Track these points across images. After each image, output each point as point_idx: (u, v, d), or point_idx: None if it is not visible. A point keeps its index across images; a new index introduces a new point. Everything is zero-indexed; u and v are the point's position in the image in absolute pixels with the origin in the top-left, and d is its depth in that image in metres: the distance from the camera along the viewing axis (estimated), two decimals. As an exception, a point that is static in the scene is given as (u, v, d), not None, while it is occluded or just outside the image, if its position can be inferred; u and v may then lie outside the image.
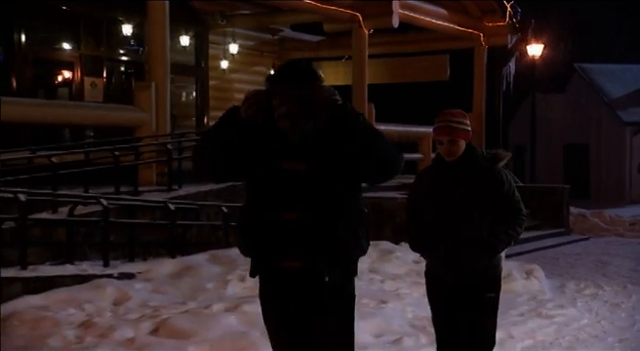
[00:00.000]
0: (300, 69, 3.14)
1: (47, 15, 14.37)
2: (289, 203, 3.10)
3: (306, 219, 3.08)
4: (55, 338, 5.56)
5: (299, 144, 3.12)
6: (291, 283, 3.18)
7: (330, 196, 3.11)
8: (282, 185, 3.12)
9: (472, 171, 3.95)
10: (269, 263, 3.18)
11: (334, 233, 3.11)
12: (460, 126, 3.94)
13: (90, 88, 14.81)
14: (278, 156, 3.14)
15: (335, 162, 3.09)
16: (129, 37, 15.76)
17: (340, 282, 3.18)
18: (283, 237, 3.11)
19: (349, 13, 16.43)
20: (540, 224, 15.03)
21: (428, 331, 6.67)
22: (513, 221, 4.02)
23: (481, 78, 20.55)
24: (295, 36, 21.34)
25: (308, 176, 3.10)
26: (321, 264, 3.11)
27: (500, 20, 19.82)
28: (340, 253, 3.14)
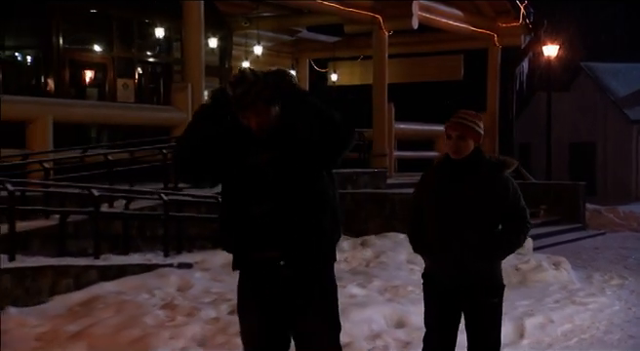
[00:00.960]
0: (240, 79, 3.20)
1: (82, 18, 14.96)
2: (257, 196, 3.21)
3: (275, 210, 3.19)
4: (149, 317, 6.14)
5: (267, 138, 3.24)
6: (269, 274, 3.26)
7: (295, 184, 3.20)
8: (250, 179, 3.23)
9: (477, 173, 3.91)
10: (247, 256, 3.29)
11: (302, 221, 3.20)
12: (471, 125, 3.91)
13: (122, 88, 15.36)
14: (245, 152, 3.26)
15: (296, 148, 3.19)
16: (158, 39, 16.31)
17: (318, 269, 3.30)
18: (257, 230, 3.21)
19: (370, 15, 17.00)
20: (559, 220, 15.58)
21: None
22: (518, 229, 3.98)
23: (495, 77, 21.12)
24: (311, 37, 21.90)
25: (272, 168, 3.21)
26: (294, 253, 3.22)
27: (514, 21, 20.38)
28: (310, 240, 3.23)
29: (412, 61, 21.76)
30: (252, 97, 3.17)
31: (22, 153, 10.10)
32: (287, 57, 22.30)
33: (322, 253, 3.31)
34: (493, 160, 4.00)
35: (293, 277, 3.24)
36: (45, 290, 7.15)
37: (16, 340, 6.12)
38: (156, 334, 5.74)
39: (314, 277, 3.28)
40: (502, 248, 3.98)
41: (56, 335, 6.07)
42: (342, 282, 8.08)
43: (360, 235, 10.90)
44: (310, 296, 3.27)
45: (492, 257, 3.94)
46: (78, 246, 8.73)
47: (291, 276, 3.24)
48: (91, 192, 7.94)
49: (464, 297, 3.94)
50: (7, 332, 6.31)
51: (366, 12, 16.89)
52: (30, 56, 14.74)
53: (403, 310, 6.86)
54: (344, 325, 6.16)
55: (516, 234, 3.99)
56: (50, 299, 7.08)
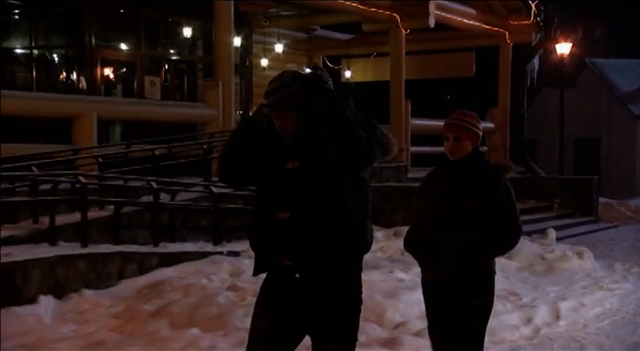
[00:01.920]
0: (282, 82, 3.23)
1: (112, 18, 15.50)
2: (283, 202, 3.21)
3: (295, 218, 3.18)
4: (220, 298, 6.71)
5: (294, 144, 3.26)
6: (283, 282, 3.24)
7: (315, 193, 3.18)
8: (280, 185, 3.24)
9: (474, 175, 3.89)
10: (266, 261, 3.28)
11: (317, 231, 3.16)
12: (469, 126, 3.90)
13: (149, 86, 15.89)
14: (277, 156, 3.28)
15: (325, 157, 3.16)
16: (183, 38, 16.85)
17: (332, 281, 3.22)
18: (276, 236, 3.20)
19: (388, 14, 17.56)
20: (572, 213, 16.17)
21: (511, 299, 7.86)
22: (508, 237, 3.92)
23: (506, 74, 21.67)
24: (326, 35, 22.44)
25: (301, 174, 3.21)
26: (306, 263, 3.19)
27: (525, 19, 20.92)
28: (323, 251, 3.17)
29: (424, 59, 22.25)
30: (284, 104, 3.22)
31: (72, 148, 10.63)
32: (302, 54, 22.83)
33: (340, 266, 3.22)
34: (491, 164, 4.02)
35: (305, 287, 3.21)
36: (114, 274, 7.74)
37: (95, 318, 6.70)
38: (232, 312, 6.31)
39: (326, 289, 3.21)
40: (490, 253, 3.92)
41: (133, 314, 6.64)
42: (386, 268, 8.69)
43: (389, 226, 11.48)
44: (324, 310, 3.21)
45: (478, 261, 3.86)
46: (130, 235, 9.29)
47: (303, 286, 3.21)
48: (151, 185, 8.52)
49: (451, 298, 3.90)
50: (85, 312, 6.91)
51: (384, 11, 17.45)
52: (63, 54, 15.25)
53: (447, 294, 7.43)
54: (398, 306, 6.79)
55: (506, 241, 3.93)
56: (118, 283, 7.68)
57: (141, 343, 5.89)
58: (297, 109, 3.23)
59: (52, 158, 9.97)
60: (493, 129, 21.29)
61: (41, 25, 14.99)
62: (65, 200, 8.69)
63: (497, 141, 21.61)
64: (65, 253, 7.39)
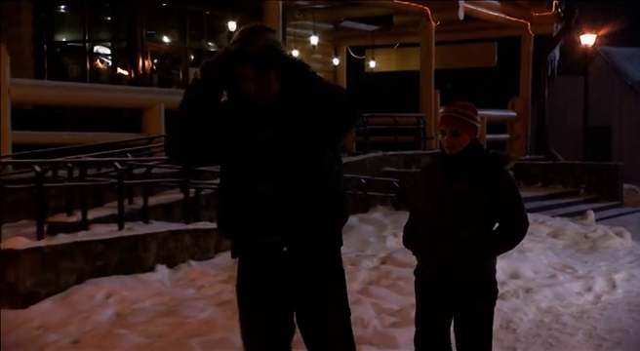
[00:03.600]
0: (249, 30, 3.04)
1: (161, 13, 16.40)
2: (259, 175, 3.01)
3: (278, 191, 2.99)
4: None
5: (266, 109, 3.05)
6: (270, 260, 3.08)
7: (298, 163, 3.01)
8: (252, 157, 3.03)
9: (473, 168, 3.78)
10: (247, 240, 3.09)
11: (305, 203, 3.01)
12: (465, 118, 3.79)
13: (193, 77, 16.81)
14: (247, 127, 3.07)
15: (300, 123, 2.99)
16: (224, 31, 17.78)
17: (323, 254, 3.11)
18: (257, 212, 3.01)
19: (419, 7, 18.46)
20: (598, 198, 17.13)
21: (568, 272, 8.82)
22: (514, 231, 3.83)
23: (527, 64, 22.60)
24: (352, 26, 23.31)
25: (275, 145, 3.01)
26: (296, 237, 3.03)
27: (547, 11, 21.85)
28: (313, 223, 3.04)
29: (448, 49, 23.12)
30: (269, 61, 3.01)
31: (147, 136, 11.55)
32: (328, 45, 23.71)
33: (327, 236, 3.12)
34: (491, 155, 3.88)
35: (295, 262, 3.06)
36: (211, 248, 8.70)
37: (207, 284, 7.67)
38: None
39: (319, 262, 3.10)
40: (495, 248, 3.84)
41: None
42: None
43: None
44: (316, 282, 3.09)
45: (483, 257, 3.80)
46: (208, 215, 10.22)
47: (293, 262, 3.06)
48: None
49: (454, 298, 3.81)
50: (195, 279, 7.88)
51: (415, 4, 18.34)
52: (115, 47, 16.15)
53: (513, 265, 8.41)
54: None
55: (512, 237, 3.84)
56: (216, 255, 8.65)
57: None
58: (273, 67, 3.03)
59: (132, 146, 10.85)
60: (514, 117, 22.24)
61: (94, 19, 15.87)
62: (157, 183, 9.58)
63: (518, 130, 22.55)
64: (174, 228, 8.35)
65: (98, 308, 6.74)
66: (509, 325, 6.64)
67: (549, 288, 7.82)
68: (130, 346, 5.77)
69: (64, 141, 10.58)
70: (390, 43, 23.87)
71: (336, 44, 24.36)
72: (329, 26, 22.79)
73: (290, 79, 3.06)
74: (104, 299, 6.98)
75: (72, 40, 16.00)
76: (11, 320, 6.44)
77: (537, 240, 10.50)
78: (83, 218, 8.49)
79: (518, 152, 22.02)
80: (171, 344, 5.75)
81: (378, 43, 24.07)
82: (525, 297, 7.37)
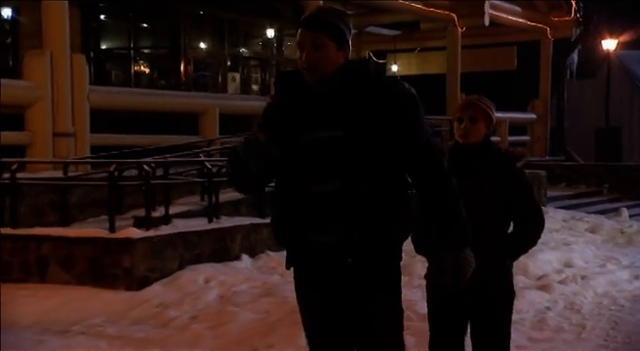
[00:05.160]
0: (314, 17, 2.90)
1: (202, 21, 17.28)
2: (320, 174, 2.85)
3: (342, 190, 2.83)
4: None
5: (332, 108, 2.86)
6: (330, 260, 2.93)
7: (367, 165, 2.85)
8: (310, 156, 2.87)
9: (485, 163, 3.67)
10: (306, 240, 2.92)
11: (373, 204, 2.86)
12: (485, 108, 3.69)
13: (231, 82, 17.70)
14: (302, 125, 2.89)
15: (374, 129, 2.84)
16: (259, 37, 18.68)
17: (384, 259, 2.95)
18: (318, 211, 2.86)
19: (446, 13, 19.34)
20: (620, 197, 17.99)
21: (613, 262, 9.67)
22: (531, 230, 3.73)
23: (547, 68, 23.47)
24: (374, 31, 24.13)
25: (334, 147, 2.84)
26: (358, 238, 2.87)
27: (566, 16, 22.73)
28: (379, 225, 2.88)
29: (469, 53, 24.00)
30: (322, 24, 2.87)
31: (207, 139, 12.42)
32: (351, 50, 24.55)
33: (390, 242, 2.95)
34: (503, 151, 3.80)
35: (355, 265, 2.91)
36: (285, 241, 9.55)
37: (287, 273, 8.50)
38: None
39: (379, 267, 2.94)
40: (514, 252, 3.72)
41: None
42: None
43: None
44: (375, 288, 2.95)
45: (499, 260, 3.68)
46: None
47: (353, 264, 2.91)
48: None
49: (468, 302, 3.69)
50: (275, 268, 8.71)
51: (442, 11, 19.23)
52: (159, 54, 17.03)
53: (566, 256, 9.29)
54: (535, 264, 8.57)
55: (528, 234, 3.73)
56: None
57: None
58: (336, 40, 2.87)
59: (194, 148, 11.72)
60: (534, 119, 23.11)
61: (139, 27, 16.75)
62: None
63: (538, 131, 23.42)
64: (255, 222, 9.21)
65: (202, 290, 7.59)
66: (573, 306, 7.48)
67: (601, 275, 8.67)
68: (246, 320, 6.60)
69: (134, 143, 11.42)
70: (411, 47, 24.75)
71: (357, 48, 25.24)
72: (355, 31, 23.66)
73: (357, 70, 2.91)
74: (205, 283, 7.83)
75: (117, 47, 16.86)
76: (129, 300, 7.29)
77: (577, 235, 11.38)
78: (165, 214, 9.32)
79: (539, 153, 22.92)
80: (282, 319, 6.58)
81: (399, 47, 24.97)
82: (582, 283, 8.22)
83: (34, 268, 7.82)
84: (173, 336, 6.33)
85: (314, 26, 2.86)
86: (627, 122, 32.75)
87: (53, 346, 6.03)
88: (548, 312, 7.14)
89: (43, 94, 10.21)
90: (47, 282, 7.74)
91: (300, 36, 2.88)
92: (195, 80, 17.19)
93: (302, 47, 2.86)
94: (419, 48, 24.62)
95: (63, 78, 10.32)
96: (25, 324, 6.69)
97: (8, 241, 7.88)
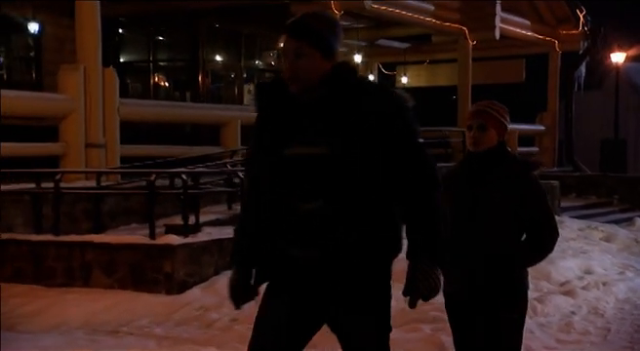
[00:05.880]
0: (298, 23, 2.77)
1: (219, 35, 17.71)
2: (303, 192, 2.74)
3: (326, 208, 2.73)
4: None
5: (316, 120, 2.75)
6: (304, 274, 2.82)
7: (351, 183, 2.73)
8: (291, 172, 2.77)
9: (499, 170, 3.57)
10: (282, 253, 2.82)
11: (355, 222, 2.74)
12: (493, 112, 3.59)
13: (247, 94, 18.09)
14: (284, 139, 2.78)
15: (360, 143, 2.72)
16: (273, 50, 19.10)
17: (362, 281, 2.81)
18: (299, 227, 2.77)
19: (458, 27, 19.74)
20: (630, 208, 18.33)
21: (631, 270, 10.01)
22: (543, 243, 3.62)
23: (555, 80, 23.84)
24: (385, 43, 24.59)
25: (330, 162, 2.72)
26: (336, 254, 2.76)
27: (574, 29, 23.12)
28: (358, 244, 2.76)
29: (478, 65, 24.40)
30: (304, 30, 2.74)
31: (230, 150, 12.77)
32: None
33: (374, 260, 2.82)
34: (518, 159, 3.71)
35: (334, 282, 2.80)
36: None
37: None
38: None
39: (361, 285, 2.81)
40: (521, 261, 3.62)
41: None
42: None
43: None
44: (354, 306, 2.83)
45: (511, 270, 3.59)
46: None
47: (328, 280, 2.80)
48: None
49: (480, 312, 3.61)
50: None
51: (454, 24, 19.62)
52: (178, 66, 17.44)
53: (586, 263, 9.64)
54: (557, 270, 8.91)
55: (539, 247, 3.63)
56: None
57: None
58: (321, 49, 2.74)
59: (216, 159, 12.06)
60: (543, 131, 23.48)
61: (158, 41, 17.16)
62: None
63: (547, 143, 23.78)
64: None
65: (242, 295, 7.91)
66: (597, 311, 7.81)
67: (621, 282, 9.02)
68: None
69: (159, 154, 11.78)
70: (421, 59, 25.16)
71: (367, 60, 25.66)
72: (361, 43, 24.07)
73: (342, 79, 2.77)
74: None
75: (137, 60, 17.27)
76: (171, 303, 7.62)
77: (593, 243, 11.71)
78: (197, 222, 9.66)
79: (547, 164, 23.26)
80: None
81: (409, 59, 25.38)
82: (604, 289, 8.56)
83: (78, 273, 8.16)
84: (218, 336, 6.68)
85: (298, 34, 2.75)
86: (633, 133, 33.16)
87: (106, 345, 6.37)
88: (574, 316, 7.48)
89: (77, 106, 10.58)
90: (90, 286, 8.08)
91: (284, 43, 2.79)
92: (212, 92, 17.59)
93: (286, 56, 2.77)
94: (428, 60, 25.04)
95: (96, 91, 10.69)
96: (75, 325, 7.04)
97: (52, 247, 8.23)
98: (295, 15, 2.84)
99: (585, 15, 23.15)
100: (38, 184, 9.19)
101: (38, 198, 9.11)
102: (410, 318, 6.82)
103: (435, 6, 18.45)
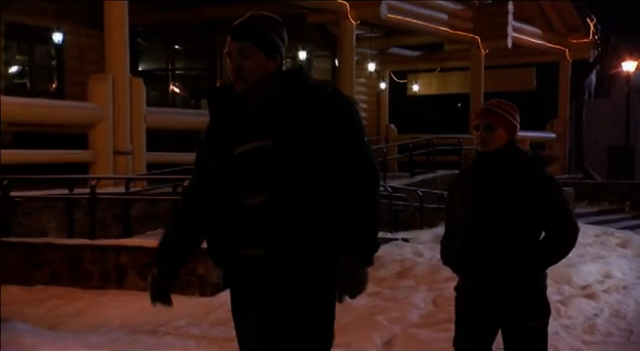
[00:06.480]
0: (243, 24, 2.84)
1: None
2: (248, 187, 2.81)
3: (270, 204, 2.78)
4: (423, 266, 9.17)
5: (262, 117, 2.81)
6: (251, 273, 2.89)
7: (297, 177, 2.77)
8: (238, 169, 2.83)
9: (511, 168, 3.48)
10: (229, 251, 2.91)
11: (302, 219, 2.78)
12: (501, 111, 3.50)
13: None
14: (231, 139, 2.85)
15: (304, 139, 2.77)
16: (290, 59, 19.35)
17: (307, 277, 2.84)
18: (244, 224, 2.83)
19: (470, 36, 20.02)
20: (641, 214, 18.61)
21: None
22: (562, 237, 3.49)
23: (565, 88, 24.13)
24: (396, 52, 24.86)
25: (261, 157, 2.78)
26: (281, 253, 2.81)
27: (584, 38, 23.40)
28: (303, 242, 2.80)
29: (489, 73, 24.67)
30: (246, 31, 2.81)
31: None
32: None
33: (317, 259, 2.83)
34: (530, 155, 3.58)
35: (277, 281, 2.85)
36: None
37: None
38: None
39: (303, 284, 2.84)
40: (542, 260, 3.48)
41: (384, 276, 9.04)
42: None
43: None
44: (296, 306, 2.86)
45: (529, 271, 3.48)
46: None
47: (274, 278, 2.85)
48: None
49: (499, 320, 3.53)
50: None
51: (467, 33, 19.90)
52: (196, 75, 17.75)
53: (605, 268, 9.87)
54: (578, 275, 9.12)
55: (560, 243, 3.49)
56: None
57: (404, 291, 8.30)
58: (264, 49, 2.82)
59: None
60: (554, 138, 23.72)
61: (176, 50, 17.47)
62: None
63: (557, 150, 23.99)
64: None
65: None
66: (618, 313, 8.03)
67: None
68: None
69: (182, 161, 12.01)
70: (431, 67, 25.44)
71: (378, 68, 25.93)
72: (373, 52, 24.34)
73: (289, 79, 2.87)
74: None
75: (156, 68, 17.57)
76: (206, 304, 7.85)
77: (609, 249, 11.95)
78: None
79: (558, 171, 23.48)
80: (353, 322, 7.08)
81: (420, 68, 25.65)
82: (624, 293, 8.78)
83: (113, 276, 8.40)
84: (255, 337, 6.91)
85: (240, 36, 2.82)
86: (640, 140, 33.32)
87: (147, 345, 6.61)
88: (596, 318, 7.70)
89: (105, 115, 10.87)
90: (125, 288, 8.31)
91: (228, 45, 2.85)
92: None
93: (231, 57, 2.83)
94: (439, 68, 25.31)
95: (124, 100, 10.99)
96: (115, 325, 7.28)
97: (87, 251, 8.48)
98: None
99: (596, 24, 23.45)
100: (71, 190, 9.46)
101: (71, 203, 9.37)
102: (440, 318, 7.10)
103: (449, 15, 18.76)
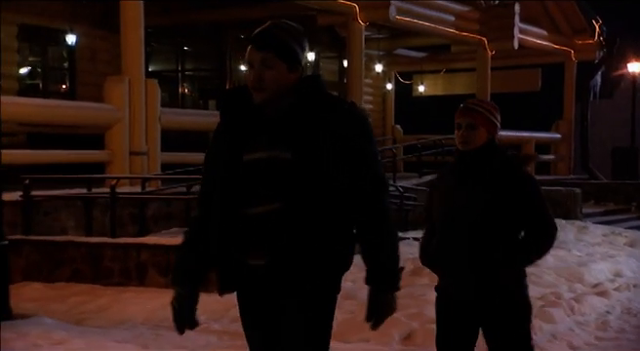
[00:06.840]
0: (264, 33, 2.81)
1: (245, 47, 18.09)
2: (258, 195, 2.77)
3: (282, 212, 2.74)
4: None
5: (280, 129, 2.77)
6: (252, 280, 2.87)
7: (307, 187, 2.73)
8: (248, 177, 2.78)
9: (490, 168, 3.50)
10: (231, 257, 2.85)
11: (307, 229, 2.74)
12: (482, 111, 3.51)
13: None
14: (242, 146, 2.80)
15: (321, 153, 2.74)
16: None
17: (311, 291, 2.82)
18: (249, 231, 2.79)
19: (477, 37, 20.16)
20: (646, 214, 18.74)
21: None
22: (541, 236, 3.51)
23: (571, 89, 24.25)
24: (402, 53, 25.03)
25: (292, 165, 2.73)
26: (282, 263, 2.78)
27: (590, 39, 23.53)
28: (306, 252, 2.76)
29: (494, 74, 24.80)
30: (268, 40, 2.78)
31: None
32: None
33: (324, 270, 2.83)
34: (510, 155, 3.60)
35: (284, 290, 2.83)
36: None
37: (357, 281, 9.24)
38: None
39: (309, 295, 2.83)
40: (521, 259, 3.53)
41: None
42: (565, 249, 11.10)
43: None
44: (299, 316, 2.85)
45: (508, 270, 3.50)
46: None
47: (283, 288, 2.83)
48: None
49: (480, 319, 3.55)
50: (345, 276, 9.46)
51: (474, 35, 20.05)
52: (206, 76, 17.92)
53: (615, 267, 10.03)
54: (590, 273, 9.29)
55: (538, 242, 3.52)
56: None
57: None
58: (287, 60, 2.77)
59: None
60: (559, 139, 23.86)
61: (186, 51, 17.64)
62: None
63: (563, 151, 24.16)
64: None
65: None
66: (630, 311, 8.19)
67: (650, 284, 9.44)
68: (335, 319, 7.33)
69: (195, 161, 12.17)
70: (437, 68, 25.59)
71: (384, 69, 26.08)
72: (380, 53, 24.50)
73: (308, 90, 2.81)
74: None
75: (166, 70, 17.74)
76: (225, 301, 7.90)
77: (617, 248, 12.11)
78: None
79: (563, 172, 23.66)
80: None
81: (426, 69, 25.81)
82: (635, 291, 8.96)
83: (134, 273, 8.56)
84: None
85: (263, 46, 2.77)
86: (644, 142, 33.31)
87: (171, 340, 6.75)
88: (609, 315, 7.87)
89: (122, 116, 11.04)
90: (146, 285, 8.47)
91: (249, 54, 2.81)
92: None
93: (252, 66, 2.79)
94: (444, 69, 25.46)
95: (139, 101, 11.16)
96: (138, 321, 7.44)
97: (108, 249, 8.64)
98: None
99: (601, 25, 23.58)
100: (89, 189, 9.62)
101: (89, 202, 9.54)
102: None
103: (456, 17, 18.91)
